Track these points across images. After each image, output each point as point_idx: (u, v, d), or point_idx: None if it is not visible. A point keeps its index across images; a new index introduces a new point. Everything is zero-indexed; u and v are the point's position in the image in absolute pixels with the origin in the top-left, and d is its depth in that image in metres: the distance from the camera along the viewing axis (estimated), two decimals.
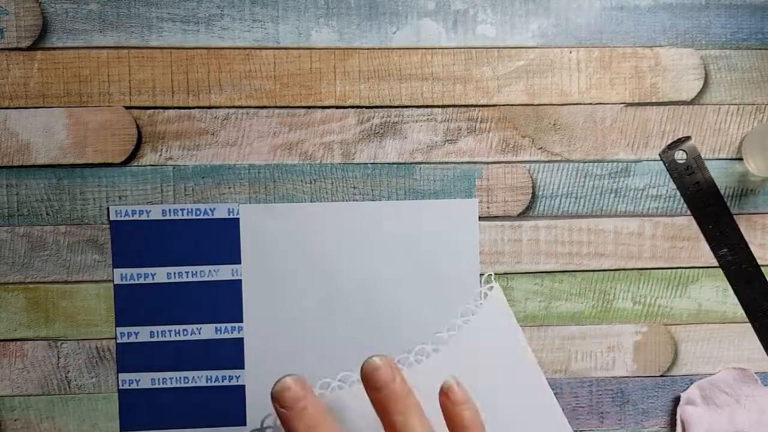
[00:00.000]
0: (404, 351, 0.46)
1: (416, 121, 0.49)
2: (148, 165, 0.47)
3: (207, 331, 0.47)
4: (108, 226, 0.47)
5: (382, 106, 0.49)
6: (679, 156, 0.50)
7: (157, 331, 0.47)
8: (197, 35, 0.48)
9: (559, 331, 0.50)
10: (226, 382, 0.47)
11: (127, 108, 0.47)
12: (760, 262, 0.50)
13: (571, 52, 0.49)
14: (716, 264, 0.50)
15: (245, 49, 0.48)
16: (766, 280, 0.50)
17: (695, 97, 0.50)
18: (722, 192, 0.50)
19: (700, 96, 0.50)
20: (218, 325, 0.47)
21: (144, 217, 0.47)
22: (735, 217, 0.50)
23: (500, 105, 0.49)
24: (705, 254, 0.50)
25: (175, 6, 0.47)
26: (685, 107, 0.50)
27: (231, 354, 0.47)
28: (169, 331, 0.47)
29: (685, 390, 0.50)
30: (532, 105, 0.49)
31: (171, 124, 0.47)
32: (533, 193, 0.49)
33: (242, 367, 0.47)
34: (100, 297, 0.47)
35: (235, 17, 0.48)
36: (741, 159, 0.50)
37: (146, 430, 0.47)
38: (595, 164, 0.50)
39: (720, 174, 0.50)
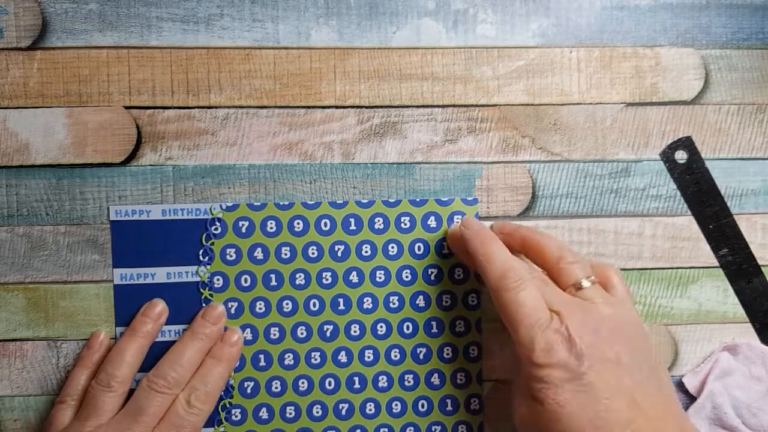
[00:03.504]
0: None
1: (416, 121, 0.49)
2: (147, 165, 0.47)
3: None
4: (108, 226, 0.47)
5: (382, 106, 0.49)
6: (679, 156, 0.50)
7: None
8: (197, 35, 0.48)
9: None
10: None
11: (127, 108, 0.47)
12: (760, 262, 0.50)
13: (571, 52, 0.49)
14: (716, 264, 0.50)
15: (245, 48, 0.48)
16: (766, 280, 0.50)
17: (695, 97, 0.50)
18: (722, 192, 0.50)
19: (700, 96, 0.50)
20: None
21: (144, 217, 0.47)
22: (735, 217, 0.50)
23: (500, 105, 0.49)
24: (705, 254, 0.50)
25: (174, 6, 0.47)
26: (686, 107, 0.50)
27: None
28: (169, 331, 0.47)
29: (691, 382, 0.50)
30: (532, 105, 0.49)
31: (171, 124, 0.47)
32: (533, 193, 0.49)
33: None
34: (100, 297, 0.47)
35: (234, 17, 0.48)
36: (741, 159, 0.50)
37: None
38: (595, 164, 0.50)
39: (720, 174, 0.50)
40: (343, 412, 0.48)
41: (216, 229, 0.47)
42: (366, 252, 0.48)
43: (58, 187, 0.47)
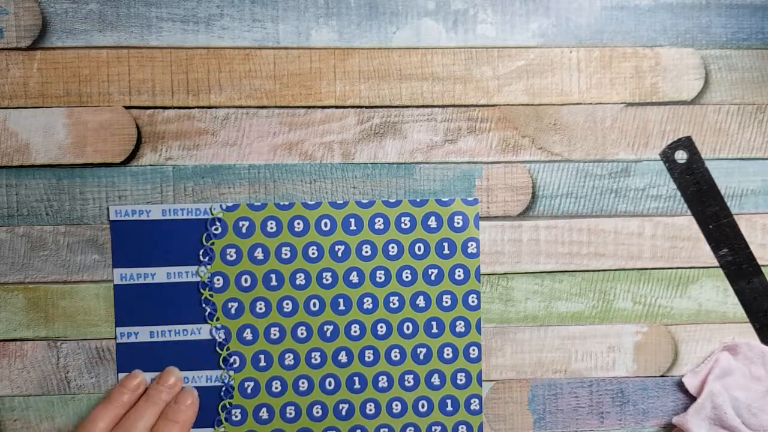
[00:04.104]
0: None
1: (416, 121, 0.49)
2: (147, 165, 0.47)
3: (207, 331, 0.47)
4: (108, 226, 0.47)
5: (382, 106, 0.49)
6: (679, 156, 0.50)
7: (157, 331, 0.47)
8: (197, 35, 0.48)
9: (559, 331, 0.50)
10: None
11: (127, 108, 0.47)
12: (760, 262, 0.50)
13: (571, 52, 0.49)
14: (716, 264, 0.50)
15: (245, 49, 0.48)
16: (766, 280, 0.50)
17: (695, 97, 0.50)
18: (722, 192, 0.50)
19: (700, 96, 0.50)
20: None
21: (144, 217, 0.47)
22: (735, 217, 0.50)
23: (500, 105, 0.49)
24: (705, 254, 0.50)
25: (174, 6, 0.47)
26: (686, 107, 0.50)
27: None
28: (169, 331, 0.47)
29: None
30: (532, 105, 0.49)
31: (171, 124, 0.47)
32: (533, 193, 0.49)
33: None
34: (100, 297, 0.47)
35: (235, 17, 0.48)
36: (741, 159, 0.50)
37: None
38: (595, 164, 0.50)
39: (720, 174, 0.50)
40: (343, 413, 0.48)
41: (216, 229, 0.47)
42: (366, 252, 0.48)
43: (58, 187, 0.47)
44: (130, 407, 0.45)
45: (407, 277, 0.48)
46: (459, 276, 0.48)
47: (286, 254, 0.48)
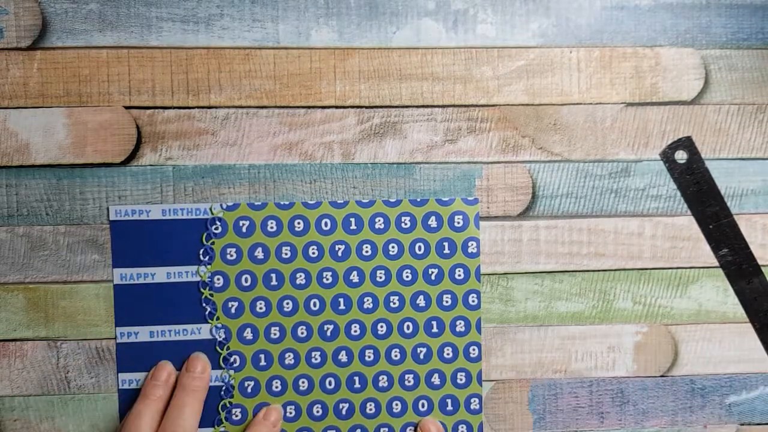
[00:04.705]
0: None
1: (416, 121, 0.49)
2: (147, 165, 0.47)
3: (207, 331, 0.47)
4: (108, 226, 0.47)
5: (382, 106, 0.49)
6: (679, 156, 0.50)
7: (157, 331, 0.47)
8: (197, 35, 0.48)
9: (559, 331, 0.50)
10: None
11: (127, 108, 0.47)
12: (760, 262, 0.50)
13: (571, 52, 0.49)
14: (716, 264, 0.50)
15: (245, 48, 0.48)
16: (766, 280, 0.50)
17: (696, 97, 0.50)
18: (722, 192, 0.50)
19: (700, 96, 0.50)
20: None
21: (144, 217, 0.47)
22: (735, 217, 0.50)
23: (500, 105, 0.49)
24: (705, 254, 0.50)
25: (174, 6, 0.47)
26: (686, 107, 0.50)
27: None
28: (169, 331, 0.47)
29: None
30: (532, 105, 0.49)
31: (171, 124, 0.47)
32: (533, 193, 0.49)
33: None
34: (100, 297, 0.47)
35: (234, 17, 0.48)
36: (741, 159, 0.50)
37: None
38: (595, 164, 0.50)
39: (720, 174, 0.50)
40: (344, 412, 0.48)
41: (216, 228, 0.47)
42: (366, 252, 0.48)
43: (58, 187, 0.47)
44: (167, 400, 0.46)
45: (407, 276, 0.48)
46: (459, 276, 0.48)
47: (286, 254, 0.48)
